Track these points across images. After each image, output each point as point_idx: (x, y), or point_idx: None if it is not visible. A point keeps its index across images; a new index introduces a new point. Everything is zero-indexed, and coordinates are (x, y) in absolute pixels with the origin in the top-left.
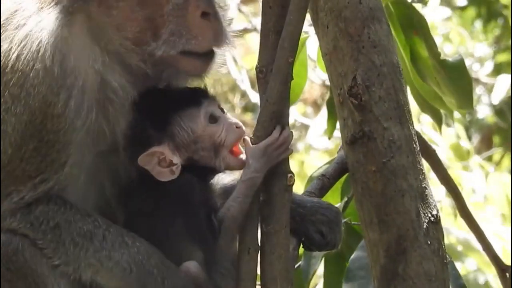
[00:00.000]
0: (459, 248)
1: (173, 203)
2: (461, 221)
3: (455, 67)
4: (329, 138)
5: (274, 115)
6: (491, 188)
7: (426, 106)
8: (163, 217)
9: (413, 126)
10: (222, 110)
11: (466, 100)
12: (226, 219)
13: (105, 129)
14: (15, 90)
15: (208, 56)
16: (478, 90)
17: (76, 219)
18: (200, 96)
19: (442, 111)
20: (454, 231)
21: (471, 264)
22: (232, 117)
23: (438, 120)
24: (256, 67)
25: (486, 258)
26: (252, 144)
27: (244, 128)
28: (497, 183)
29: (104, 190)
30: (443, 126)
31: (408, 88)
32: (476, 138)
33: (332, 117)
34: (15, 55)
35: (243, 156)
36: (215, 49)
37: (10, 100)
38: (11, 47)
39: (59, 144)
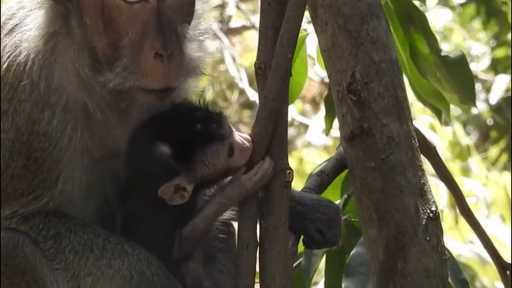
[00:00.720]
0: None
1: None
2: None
3: (456, 62)
4: (327, 135)
5: (272, 112)
6: (491, 190)
7: (426, 101)
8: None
9: (412, 123)
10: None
11: (468, 95)
12: (189, 234)
13: (93, 147)
14: (4, 105)
15: (164, 92)
16: (476, 87)
17: (76, 228)
18: (221, 127)
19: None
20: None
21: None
22: (239, 134)
23: (438, 114)
24: (255, 64)
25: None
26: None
27: (250, 144)
28: (497, 183)
29: (105, 194)
30: (440, 126)
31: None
32: (474, 136)
33: (330, 113)
34: (5, 65)
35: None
36: (173, 85)
37: None
38: (3, 55)
39: (48, 162)
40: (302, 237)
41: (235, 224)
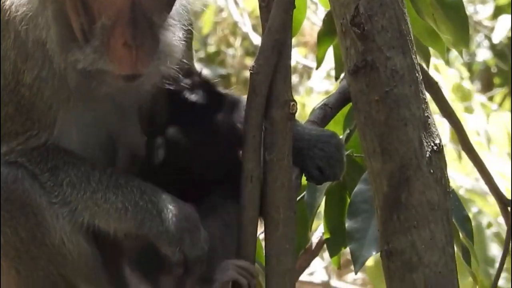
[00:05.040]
0: (461, 192)
1: None
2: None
3: (452, 4)
4: (317, 68)
5: (276, 44)
6: (493, 128)
7: (416, 43)
8: None
9: (416, 56)
10: None
11: (462, 37)
12: None
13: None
14: None
15: (131, 78)
16: (479, 37)
17: (74, 161)
18: None
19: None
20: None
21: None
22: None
23: (426, 59)
24: None
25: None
26: (254, 73)
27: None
28: (499, 122)
29: (106, 131)
30: (445, 67)
31: None
32: (476, 84)
33: (322, 47)
34: None
35: None
36: (141, 72)
37: None
38: None
39: (38, 108)
40: None
41: None
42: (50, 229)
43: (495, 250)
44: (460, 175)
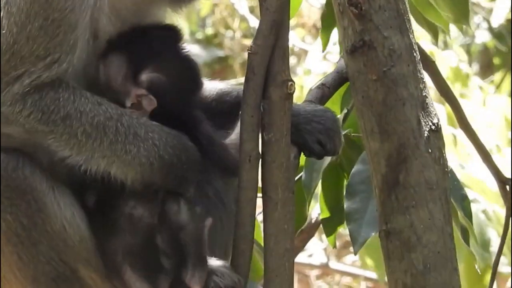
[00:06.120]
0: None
1: None
2: (460, 150)
3: None
4: (323, 51)
5: (274, 24)
6: (490, 111)
7: (422, 19)
8: None
9: (414, 35)
10: None
11: (462, 14)
12: None
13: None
14: None
15: None
16: (477, 19)
17: (87, 109)
18: None
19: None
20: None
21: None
22: None
23: (434, 33)
24: None
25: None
26: (251, 53)
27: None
28: (496, 106)
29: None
30: (441, 52)
31: None
32: (475, 66)
33: (326, 29)
34: None
35: None
36: None
37: None
38: None
39: (65, 24)
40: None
41: None
42: (51, 215)
43: (491, 234)
44: (456, 160)
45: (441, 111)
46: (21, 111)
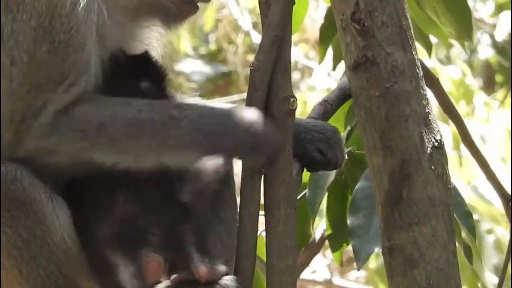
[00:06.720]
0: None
1: None
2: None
3: None
4: (319, 63)
5: (276, 39)
6: (494, 127)
7: (418, 33)
8: None
9: (416, 52)
10: None
11: (465, 31)
12: None
13: (107, 38)
14: None
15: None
16: (479, 34)
17: (117, 111)
18: None
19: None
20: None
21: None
22: None
23: (428, 48)
24: None
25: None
26: (253, 69)
27: None
28: (500, 121)
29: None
30: (444, 68)
31: None
32: (478, 81)
33: (324, 42)
34: None
35: None
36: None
37: (15, 7)
38: None
39: (73, 44)
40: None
41: None
42: (51, 226)
43: (495, 259)
44: (461, 183)
45: (445, 131)
46: (59, 140)
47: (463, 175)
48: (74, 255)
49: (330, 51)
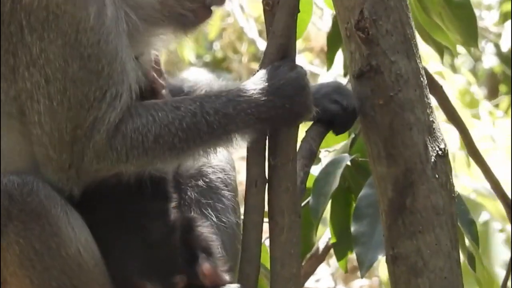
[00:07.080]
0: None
1: None
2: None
3: (459, 3)
4: (328, 70)
5: (281, 48)
6: (499, 135)
7: (429, 38)
8: None
9: (420, 60)
10: None
11: (471, 36)
12: None
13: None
14: (42, 13)
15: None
16: (483, 43)
17: (170, 119)
18: None
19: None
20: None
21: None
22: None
23: (440, 52)
24: (263, 0)
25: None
26: None
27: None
28: (505, 129)
29: None
30: (451, 73)
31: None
32: (483, 90)
33: (332, 50)
34: None
35: None
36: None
37: (39, 26)
38: None
39: (104, 56)
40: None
41: None
42: (66, 239)
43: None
44: (470, 180)
45: (453, 133)
46: (118, 158)
47: (472, 174)
48: (89, 268)
49: (337, 59)
